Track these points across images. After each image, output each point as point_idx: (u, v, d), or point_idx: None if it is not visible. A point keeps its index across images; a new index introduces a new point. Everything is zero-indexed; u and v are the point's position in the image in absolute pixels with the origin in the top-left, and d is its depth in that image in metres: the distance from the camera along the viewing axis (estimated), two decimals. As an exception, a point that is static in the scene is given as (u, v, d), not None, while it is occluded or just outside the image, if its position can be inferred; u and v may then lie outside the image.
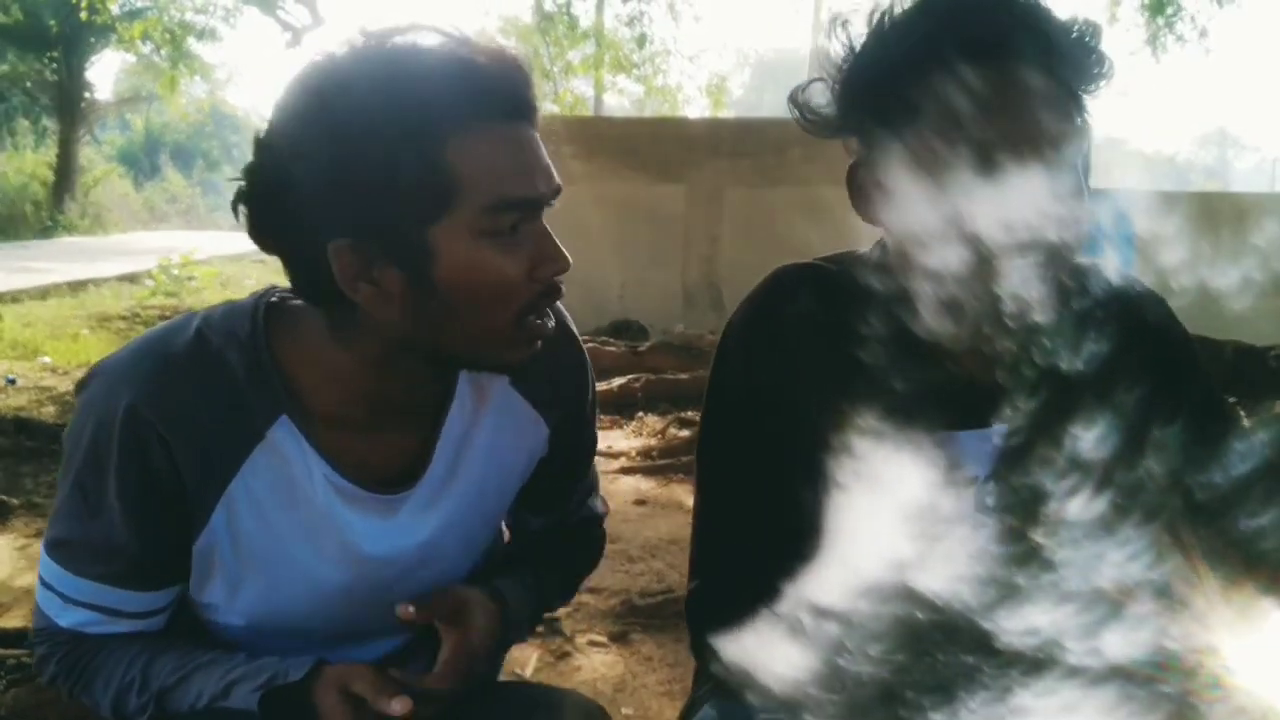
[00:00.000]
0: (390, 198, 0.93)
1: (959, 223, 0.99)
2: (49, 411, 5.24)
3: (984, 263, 1.00)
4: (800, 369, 1.10)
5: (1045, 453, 1.07)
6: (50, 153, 24.09)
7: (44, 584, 1.07)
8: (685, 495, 3.95)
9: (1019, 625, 0.96)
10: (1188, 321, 1.21)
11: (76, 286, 11.02)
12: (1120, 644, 0.94)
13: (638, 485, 4.14)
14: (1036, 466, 1.08)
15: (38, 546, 3.49)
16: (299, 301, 1.06)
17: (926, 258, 1.03)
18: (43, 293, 10.42)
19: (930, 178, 1.01)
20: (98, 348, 7.55)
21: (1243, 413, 3.43)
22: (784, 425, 1.09)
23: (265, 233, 0.98)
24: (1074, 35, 1.02)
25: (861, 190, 1.10)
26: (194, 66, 14.00)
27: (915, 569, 1.05)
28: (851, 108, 1.06)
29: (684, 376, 5.77)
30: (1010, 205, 0.99)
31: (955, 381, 1.10)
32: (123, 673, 1.06)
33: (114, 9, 12.13)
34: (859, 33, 1.05)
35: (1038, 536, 1.07)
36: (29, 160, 23.71)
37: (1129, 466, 1.06)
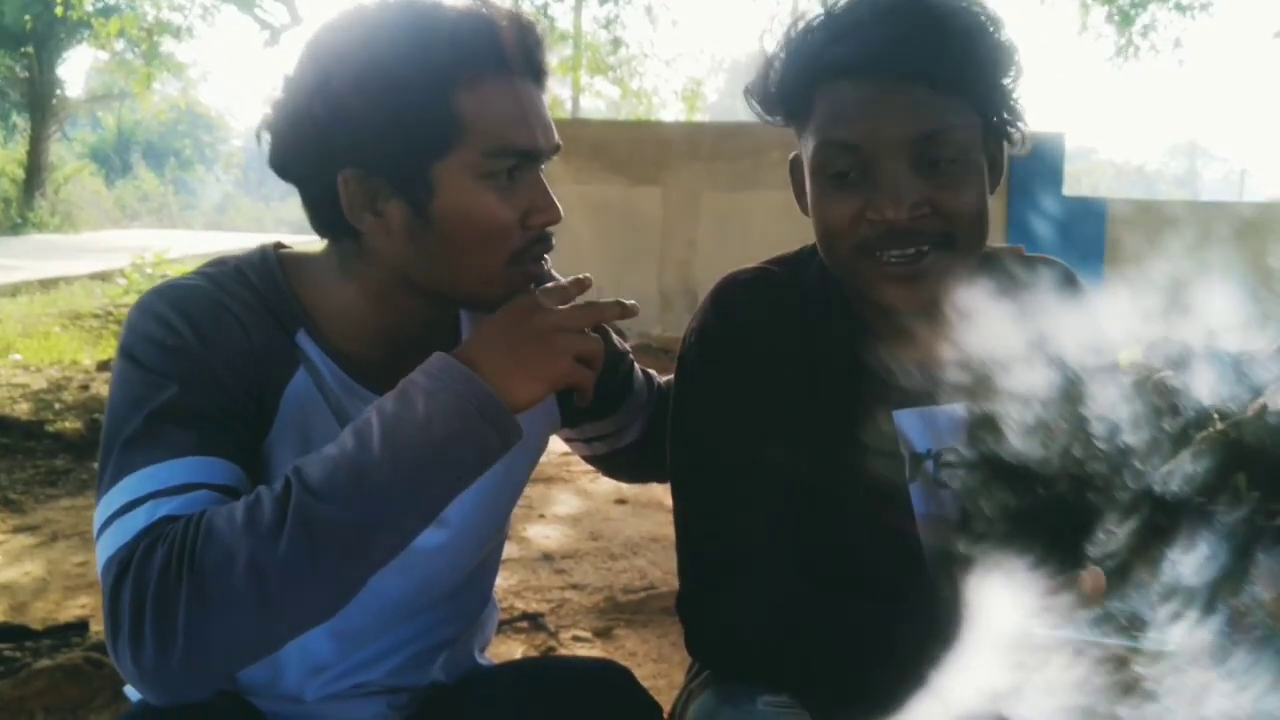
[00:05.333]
0: (399, 134, 1.01)
1: (854, 217, 1.07)
2: (22, 409, 5.19)
3: (884, 258, 1.08)
4: (758, 369, 1.15)
5: (992, 426, 1.12)
6: (20, 149, 23.88)
7: (119, 512, 0.95)
8: (664, 494, 3.95)
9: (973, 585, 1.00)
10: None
11: (48, 284, 10.93)
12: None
13: (618, 485, 4.13)
14: (986, 439, 1.13)
15: (15, 542, 3.48)
16: (302, 251, 1.14)
17: (832, 249, 1.12)
18: (13, 290, 10.33)
19: (830, 176, 1.09)
20: (70, 346, 7.49)
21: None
22: (752, 424, 1.14)
23: (283, 160, 1.07)
24: (963, 36, 1.07)
25: (799, 185, 1.18)
26: (168, 64, 13.88)
27: (884, 540, 1.12)
28: (772, 110, 1.15)
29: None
30: (901, 200, 1.05)
31: (899, 364, 1.15)
32: (245, 500, 0.92)
33: (89, 6, 12.03)
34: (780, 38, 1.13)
35: (986, 506, 1.12)
36: (-2, 157, 23.49)
37: (1065, 428, 1.12)
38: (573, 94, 14.72)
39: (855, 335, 1.16)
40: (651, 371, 1.42)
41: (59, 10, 11.39)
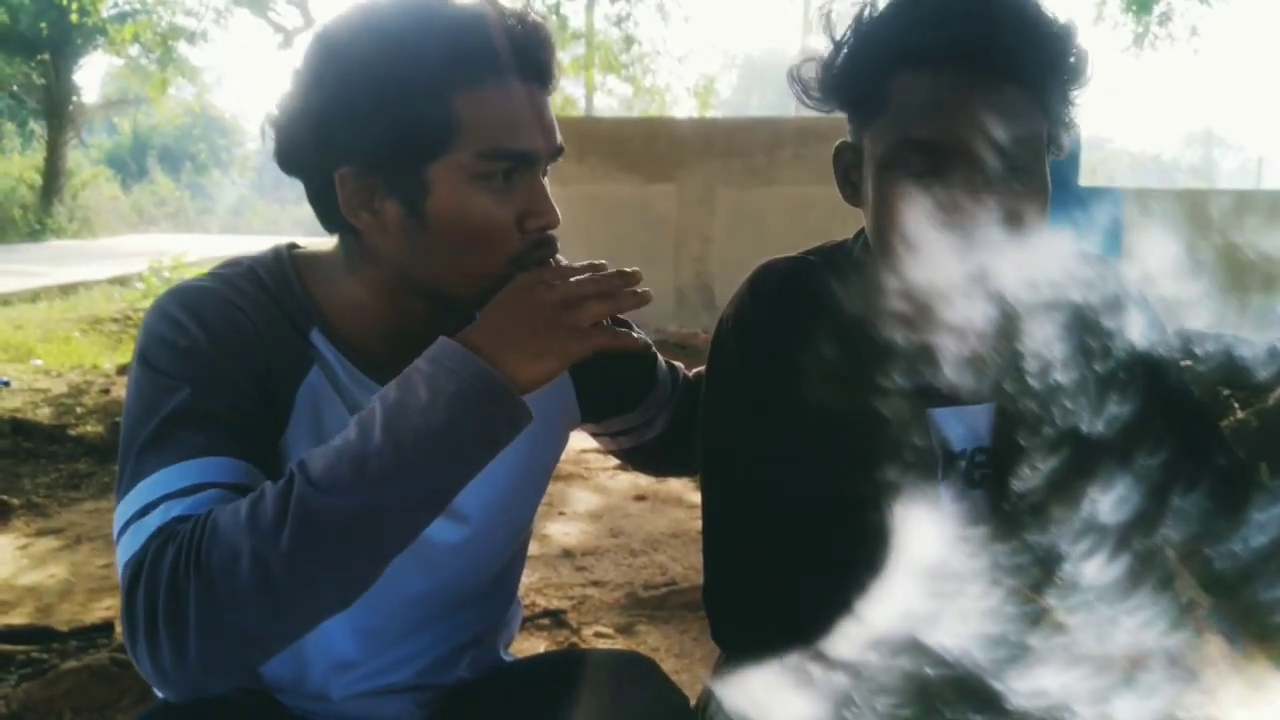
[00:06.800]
0: (394, 133, 1.01)
1: (922, 215, 1.04)
2: (44, 413, 5.23)
3: (948, 254, 1.04)
4: (794, 359, 1.13)
5: (1029, 427, 1.12)
6: (38, 156, 24.01)
7: (135, 517, 0.95)
8: (683, 489, 3.98)
9: (1002, 594, 0.99)
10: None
11: (67, 289, 10.99)
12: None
13: (636, 481, 4.15)
14: (1021, 440, 1.12)
15: (39, 545, 3.50)
16: (316, 249, 1.14)
17: (894, 247, 1.08)
18: (33, 295, 10.38)
19: (898, 173, 1.06)
20: (90, 350, 7.53)
21: (1235, 404, 3.47)
22: (785, 414, 1.13)
23: (285, 155, 1.07)
24: (1049, 38, 1.04)
25: (845, 173, 1.16)
26: (183, 69, 13.95)
27: (912, 543, 1.09)
28: (832, 98, 1.13)
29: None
30: (969, 202, 1.02)
31: (938, 361, 1.13)
32: (249, 497, 0.92)
33: (104, 13, 12.11)
34: (846, 20, 1.10)
35: (1023, 508, 1.11)
36: (16, 164, 23.64)
37: (1108, 433, 1.11)
38: (586, 92, 14.73)
39: (893, 330, 1.13)
40: (677, 364, 1.42)
41: (74, 17, 11.48)
